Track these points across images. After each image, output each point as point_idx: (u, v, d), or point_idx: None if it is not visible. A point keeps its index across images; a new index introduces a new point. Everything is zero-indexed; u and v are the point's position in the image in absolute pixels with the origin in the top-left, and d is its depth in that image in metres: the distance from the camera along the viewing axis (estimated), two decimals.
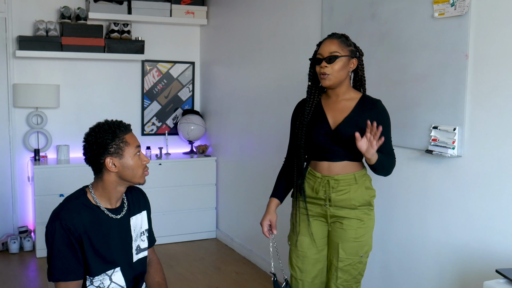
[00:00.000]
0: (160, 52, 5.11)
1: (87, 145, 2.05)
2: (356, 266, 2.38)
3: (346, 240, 2.35)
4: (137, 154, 2.07)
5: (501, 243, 2.22)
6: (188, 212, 4.90)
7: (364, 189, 2.37)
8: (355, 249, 2.36)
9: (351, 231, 2.35)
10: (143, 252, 2.23)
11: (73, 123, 4.79)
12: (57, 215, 1.99)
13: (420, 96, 2.57)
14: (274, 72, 3.93)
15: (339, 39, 2.32)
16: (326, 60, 2.28)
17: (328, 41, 2.32)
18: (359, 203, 2.35)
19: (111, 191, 2.07)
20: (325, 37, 2.39)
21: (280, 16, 3.82)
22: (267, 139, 4.06)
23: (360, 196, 2.35)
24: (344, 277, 2.38)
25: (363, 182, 2.37)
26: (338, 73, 2.30)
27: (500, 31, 2.20)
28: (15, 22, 4.55)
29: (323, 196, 2.37)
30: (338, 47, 2.29)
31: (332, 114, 2.37)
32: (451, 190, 2.46)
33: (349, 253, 2.36)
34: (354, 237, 2.35)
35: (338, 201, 2.35)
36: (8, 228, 4.68)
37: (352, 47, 2.35)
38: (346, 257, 2.36)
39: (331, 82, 2.31)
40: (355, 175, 2.35)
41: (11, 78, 4.56)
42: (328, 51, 2.29)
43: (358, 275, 2.41)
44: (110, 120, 2.09)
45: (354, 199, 2.34)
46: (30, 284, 3.87)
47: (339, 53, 2.28)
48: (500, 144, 2.22)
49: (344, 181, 2.34)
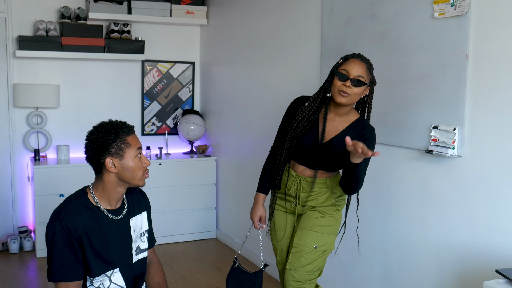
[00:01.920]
0: (160, 52, 5.11)
1: (89, 144, 2.05)
2: (306, 256, 2.41)
3: (303, 227, 2.45)
4: (138, 156, 2.06)
5: (501, 243, 2.23)
6: (188, 212, 4.90)
7: (332, 194, 2.47)
8: (309, 238, 2.42)
9: (310, 220, 2.45)
10: (143, 253, 2.23)
11: (73, 123, 4.79)
12: (57, 215, 1.99)
13: (420, 96, 2.57)
14: (274, 72, 3.93)
15: (366, 64, 2.32)
16: (352, 81, 2.27)
17: (359, 63, 2.30)
18: (324, 204, 2.46)
19: (110, 191, 2.07)
20: (353, 55, 2.35)
21: (280, 16, 3.83)
22: (267, 139, 4.06)
23: (327, 199, 2.46)
24: (293, 263, 2.42)
25: (333, 187, 2.47)
26: (356, 97, 2.31)
27: (500, 31, 2.20)
28: (15, 22, 4.55)
29: (293, 194, 2.48)
30: (365, 72, 2.29)
31: (327, 129, 2.39)
32: (451, 190, 2.46)
33: (302, 240, 2.43)
34: (310, 226, 2.44)
35: (305, 201, 2.46)
36: (8, 228, 4.68)
37: (373, 76, 2.36)
38: (298, 243, 2.43)
39: (347, 102, 2.31)
40: (327, 180, 2.45)
41: (11, 78, 4.56)
42: (356, 72, 2.27)
43: (308, 265, 2.41)
44: (114, 120, 2.09)
45: (321, 201, 2.46)
46: (30, 284, 3.87)
47: (364, 78, 2.28)
48: (500, 144, 2.22)
49: (316, 184, 2.44)
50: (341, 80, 2.28)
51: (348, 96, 2.28)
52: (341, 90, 2.28)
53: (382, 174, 2.84)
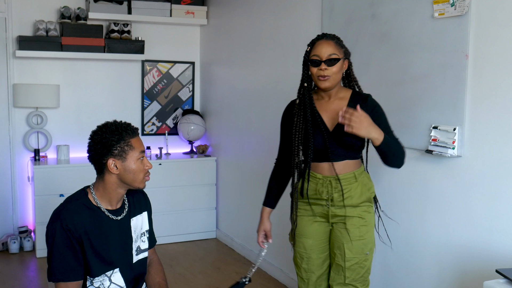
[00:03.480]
0: (160, 52, 5.11)
1: (92, 143, 2.04)
2: (362, 264, 2.38)
3: (351, 239, 2.35)
4: (141, 158, 2.06)
5: (501, 243, 2.23)
6: (188, 212, 4.90)
7: (364, 186, 2.37)
8: (361, 247, 2.36)
9: (354, 229, 2.35)
10: (143, 253, 2.23)
11: (73, 123, 4.79)
12: (57, 215, 1.99)
13: (420, 96, 2.57)
14: (274, 72, 3.93)
15: (333, 40, 2.30)
16: (326, 62, 2.26)
17: (325, 43, 2.29)
18: (359, 201, 2.36)
19: (111, 192, 2.07)
20: (317, 37, 2.34)
21: (280, 16, 3.82)
22: (267, 139, 4.06)
23: (360, 194, 2.36)
24: (352, 276, 2.37)
25: (362, 179, 2.38)
26: (337, 75, 2.29)
27: (500, 31, 2.20)
28: (15, 22, 4.55)
29: (325, 197, 2.36)
30: (335, 48, 2.27)
31: (327, 115, 2.35)
32: (451, 190, 2.46)
33: (355, 252, 2.35)
34: (358, 236, 2.35)
35: (340, 200, 2.35)
36: (8, 228, 4.69)
37: (345, 48, 2.34)
38: (353, 256, 2.35)
39: (330, 84, 2.29)
40: (355, 173, 2.35)
41: (11, 78, 4.56)
42: (326, 53, 2.26)
43: (365, 273, 2.40)
44: (119, 121, 2.08)
45: (354, 197, 2.34)
46: (30, 284, 3.87)
47: (337, 55, 2.26)
48: (500, 144, 2.22)
49: (345, 180, 2.34)
50: (315, 66, 2.28)
51: (328, 78, 2.26)
52: (319, 75, 2.27)
53: (382, 174, 2.84)
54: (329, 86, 2.30)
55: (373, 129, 2.18)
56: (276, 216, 3.95)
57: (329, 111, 2.35)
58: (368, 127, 2.16)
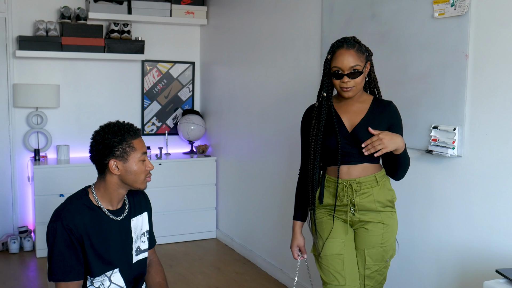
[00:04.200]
0: (160, 52, 5.11)
1: (94, 144, 2.04)
2: (381, 272, 2.34)
3: (372, 246, 2.28)
4: (142, 160, 2.07)
5: (501, 243, 2.23)
6: (188, 212, 4.91)
7: (386, 190, 2.30)
8: (381, 255, 2.30)
9: (377, 236, 2.27)
10: (143, 253, 2.23)
11: (73, 123, 4.79)
12: (58, 215, 1.99)
13: (420, 96, 2.57)
14: (274, 72, 3.93)
15: (354, 48, 2.20)
16: (349, 76, 2.19)
17: (346, 53, 2.19)
18: (383, 205, 2.28)
19: (112, 192, 2.07)
20: (338, 45, 2.23)
21: (280, 16, 3.83)
22: (267, 139, 4.06)
23: (383, 197, 2.28)
24: (371, 284, 2.33)
25: (384, 183, 2.30)
26: (360, 84, 2.23)
27: (500, 31, 2.21)
28: (15, 22, 4.55)
29: (346, 202, 2.27)
30: (357, 59, 2.18)
31: (347, 117, 2.29)
32: (451, 190, 2.46)
33: (375, 259, 2.30)
34: (380, 243, 2.27)
35: (362, 204, 2.26)
36: (8, 228, 4.68)
37: (366, 52, 2.25)
38: (373, 263, 2.30)
39: (354, 94, 2.24)
40: (376, 176, 2.27)
41: (11, 78, 4.56)
42: (348, 65, 2.18)
43: (383, 280, 2.37)
44: (121, 122, 2.08)
45: (377, 201, 2.26)
46: (30, 284, 3.87)
47: (360, 66, 2.19)
48: (500, 144, 2.22)
49: (366, 183, 2.26)
50: (338, 79, 2.22)
51: (352, 89, 2.22)
52: (342, 87, 2.22)
53: None
54: (352, 95, 2.25)
55: (396, 138, 2.18)
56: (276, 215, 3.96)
57: (349, 113, 2.30)
58: (391, 140, 2.16)
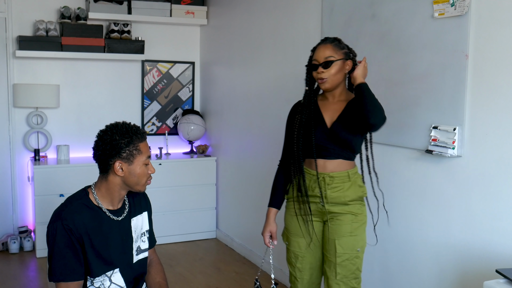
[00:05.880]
0: (160, 52, 5.11)
1: (100, 143, 2.04)
2: (353, 261, 2.42)
3: (342, 235, 2.40)
4: (146, 164, 2.07)
5: (501, 243, 2.23)
6: (188, 212, 4.91)
7: (357, 187, 2.43)
8: (352, 243, 2.40)
9: (346, 225, 2.40)
10: (144, 253, 2.23)
11: (73, 123, 4.79)
12: (58, 215, 1.99)
13: (420, 96, 2.57)
14: (274, 72, 3.93)
15: (332, 43, 2.38)
16: (322, 65, 2.35)
17: (322, 47, 2.38)
18: (351, 199, 2.41)
19: (113, 193, 2.08)
20: (318, 43, 2.44)
21: (280, 16, 3.83)
22: (267, 139, 4.06)
23: (353, 193, 2.42)
24: (343, 272, 2.41)
25: (355, 179, 2.43)
26: (335, 77, 2.37)
27: (500, 31, 2.21)
28: (15, 22, 4.55)
29: (318, 194, 2.42)
30: (332, 51, 2.35)
31: (328, 114, 2.44)
32: (451, 190, 2.46)
33: (346, 247, 2.40)
34: (349, 232, 2.40)
35: (333, 197, 2.40)
36: (8, 228, 4.69)
37: (346, 50, 2.40)
38: (343, 251, 2.40)
39: (329, 86, 2.38)
40: (349, 173, 2.41)
41: (11, 78, 4.56)
42: (323, 56, 2.35)
43: (356, 270, 2.44)
44: (128, 124, 2.08)
45: (347, 196, 2.40)
46: (30, 284, 3.87)
47: (333, 57, 2.34)
48: (500, 144, 2.23)
49: (339, 178, 2.40)
50: (314, 70, 2.38)
51: (327, 80, 2.35)
52: (318, 78, 2.38)
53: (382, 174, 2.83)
54: (328, 87, 2.39)
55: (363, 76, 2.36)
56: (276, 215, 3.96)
57: (330, 110, 2.44)
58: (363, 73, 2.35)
